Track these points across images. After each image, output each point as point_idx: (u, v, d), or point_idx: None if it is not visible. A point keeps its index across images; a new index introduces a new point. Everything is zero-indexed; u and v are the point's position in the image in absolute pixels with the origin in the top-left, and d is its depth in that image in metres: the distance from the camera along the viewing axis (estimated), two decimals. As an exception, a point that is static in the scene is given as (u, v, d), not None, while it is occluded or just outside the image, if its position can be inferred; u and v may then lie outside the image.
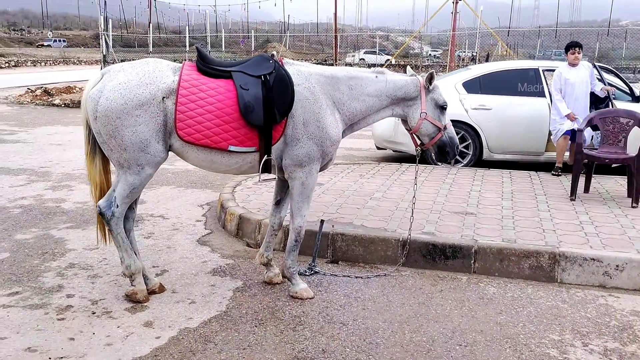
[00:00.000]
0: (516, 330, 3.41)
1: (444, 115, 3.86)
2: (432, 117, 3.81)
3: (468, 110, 7.73)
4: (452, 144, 3.87)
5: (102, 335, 3.22)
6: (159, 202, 6.16)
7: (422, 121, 3.80)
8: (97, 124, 3.38)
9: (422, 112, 3.79)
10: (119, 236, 3.57)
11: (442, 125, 3.82)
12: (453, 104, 7.73)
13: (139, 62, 3.51)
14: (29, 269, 4.16)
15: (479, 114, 7.73)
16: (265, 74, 3.55)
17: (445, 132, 3.85)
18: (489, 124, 7.71)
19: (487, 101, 7.77)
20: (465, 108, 7.75)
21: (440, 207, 5.30)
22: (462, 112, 7.74)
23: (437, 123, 3.81)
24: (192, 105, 3.39)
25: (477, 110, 7.74)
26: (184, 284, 3.96)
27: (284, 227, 4.38)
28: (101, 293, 3.78)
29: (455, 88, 7.91)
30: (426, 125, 3.82)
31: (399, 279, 4.16)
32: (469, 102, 7.78)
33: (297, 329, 3.36)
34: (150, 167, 3.46)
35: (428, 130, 3.84)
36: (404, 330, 3.38)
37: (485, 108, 7.72)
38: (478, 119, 7.72)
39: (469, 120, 7.72)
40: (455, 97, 7.80)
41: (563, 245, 4.28)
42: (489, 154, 7.80)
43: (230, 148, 3.48)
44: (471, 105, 7.76)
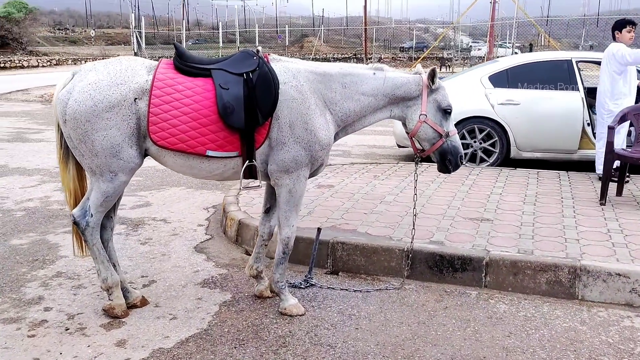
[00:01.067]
0: (524, 357, 3.04)
1: (448, 120, 3.49)
2: (432, 120, 3.44)
3: (494, 105, 7.27)
4: (455, 153, 3.49)
5: (69, 356, 3.00)
6: (165, 204, 5.97)
7: (420, 124, 3.45)
8: (67, 128, 3.16)
9: (422, 114, 3.43)
10: (95, 247, 3.34)
11: (444, 132, 3.45)
12: (478, 98, 7.35)
13: (112, 60, 3.28)
14: (14, 277, 4.00)
15: (507, 110, 7.25)
16: (247, 71, 3.26)
17: (448, 139, 3.47)
18: (517, 120, 7.23)
19: (515, 96, 7.28)
20: (491, 103, 7.28)
21: (454, 213, 4.92)
22: (488, 108, 7.28)
23: (438, 128, 3.44)
24: (166, 107, 3.13)
25: (504, 106, 7.25)
26: (169, 297, 3.73)
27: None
28: (81, 306, 3.57)
29: (480, 82, 7.47)
30: (425, 129, 3.46)
31: (401, 293, 3.82)
32: (496, 97, 7.31)
33: (279, 352, 3.07)
34: (123, 173, 3.21)
35: (428, 135, 3.48)
36: (397, 356, 3.05)
37: (513, 103, 7.23)
38: (505, 115, 7.25)
39: (495, 116, 7.26)
40: (480, 91, 7.37)
41: (586, 257, 3.86)
42: (517, 152, 7.32)
43: (209, 153, 3.21)
44: (498, 100, 7.28)
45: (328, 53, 44.37)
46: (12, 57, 35.71)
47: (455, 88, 7.59)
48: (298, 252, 4.27)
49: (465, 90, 7.50)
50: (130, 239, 4.86)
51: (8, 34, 37.26)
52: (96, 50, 50.22)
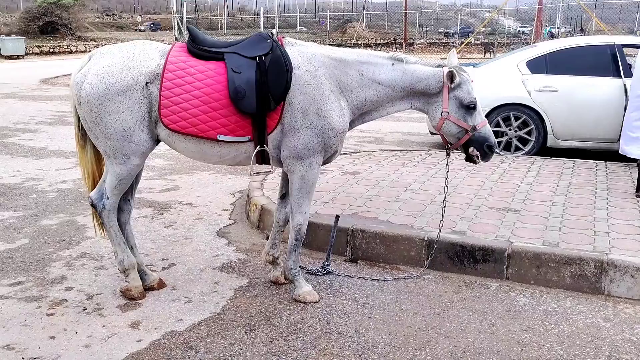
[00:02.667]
0: (540, 353, 2.94)
1: (473, 115, 3.34)
2: (455, 117, 3.33)
3: (531, 92, 7.01)
4: (484, 145, 3.36)
5: (83, 335, 3.07)
6: (192, 188, 6.03)
7: (443, 121, 3.35)
8: (82, 110, 3.21)
9: (444, 112, 3.33)
10: (112, 229, 3.40)
11: (470, 126, 3.32)
12: (515, 85, 7.12)
13: (127, 44, 3.29)
14: (41, 257, 4.12)
15: (544, 97, 6.99)
16: (260, 55, 3.23)
17: (476, 132, 3.34)
18: (555, 107, 6.96)
19: (554, 82, 7.01)
20: (527, 90, 7.03)
21: (480, 202, 4.79)
22: (524, 95, 7.04)
23: (462, 124, 3.33)
24: (178, 90, 3.13)
25: (542, 92, 6.99)
26: (187, 280, 3.76)
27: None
28: (100, 287, 3.65)
29: (517, 67, 7.21)
30: (449, 126, 3.36)
31: (419, 283, 3.75)
32: (533, 83, 7.04)
33: (289, 339, 3.06)
34: (136, 157, 3.24)
35: (452, 131, 3.38)
36: (408, 346, 3.00)
37: (552, 90, 6.97)
38: (542, 102, 6.99)
39: (532, 103, 7.01)
40: (517, 77, 7.13)
41: (614, 251, 3.70)
42: (554, 141, 7.07)
43: (220, 137, 3.20)
44: (535, 86, 7.02)
45: (370, 39, 43.85)
46: (61, 42, 36.71)
47: (490, 74, 7.41)
48: (318, 239, 4.26)
49: (500, 76, 7.29)
50: (155, 222, 4.93)
51: (58, 19, 38.26)
52: (142, 35, 51.16)
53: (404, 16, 22.30)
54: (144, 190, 5.88)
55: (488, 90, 7.07)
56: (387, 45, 36.85)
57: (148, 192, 5.86)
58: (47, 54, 33.76)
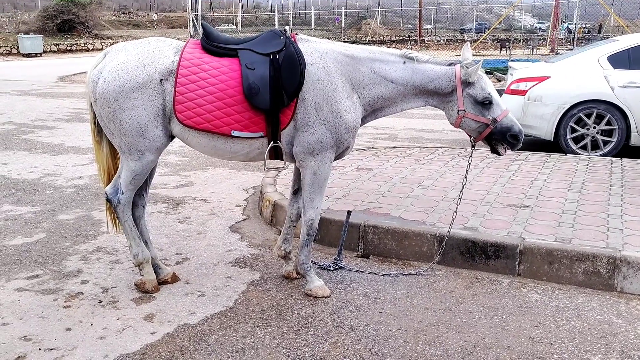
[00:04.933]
0: (551, 348, 2.94)
1: (491, 108, 3.32)
2: (472, 113, 3.32)
3: (614, 88, 6.80)
4: (509, 134, 3.34)
5: (99, 327, 3.12)
6: (207, 184, 6.09)
7: (461, 119, 3.35)
8: (98, 107, 3.26)
9: (460, 110, 3.33)
10: (127, 224, 3.45)
11: (489, 120, 3.32)
12: (596, 81, 6.88)
13: (142, 40, 3.34)
14: (57, 251, 4.19)
15: (628, 93, 6.75)
16: (274, 51, 3.26)
17: (498, 124, 3.32)
18: None
19: (639, 78, 6.81)
20: (610, 86, 6.81)
21: (493, 198, 4.78)
22: (607, 91, 6.82)
23: (481, 119, 3.32)
24: (193, 86, 3.17)
25: (626, 89, 6.76)
26: (200, 275, 3.81)
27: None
28: (115, 280, 3.71)
29: (599, 63, 7.00)
30: (467, 123, 3.37)
31: (430, 279, 3.76)
32: (616, 79, 6.82)
33: (301, 332, 3.09)
34: (150, 153, 3.29)
35: (471, 127, 3.39)
36: (418, 341, 3.01)
37: (637, 86, 6.74)
38: (626, 98, 6.76)
39: (615, 100, 6.80)
40: (599, 73, 6.93)
41: (627, 248, 3.68)
42: (639, 139, 6.86)
43: (234, 133, 3.23)
44: (618, 82, 6.80)
45: (385, 36, 43.69)
46: (78, 40, 37.09)
47: (569, 70, 7.22)
48: (330, 235, 4.28)
49: (580, 72, 7.10)
50: (169, 217, 4.99)
51: (75, 17, 38.63)
52: (158, 33, 51.44)
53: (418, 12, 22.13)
54: (159, 186, 5.95)
55: (567, 86, 7.00)
56: (401, 42, 36.70)
57: (162, 187, 5.93)
58: (64, 52, 34.13)
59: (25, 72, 20.73)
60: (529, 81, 7.34)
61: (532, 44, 30.87)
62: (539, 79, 7.28)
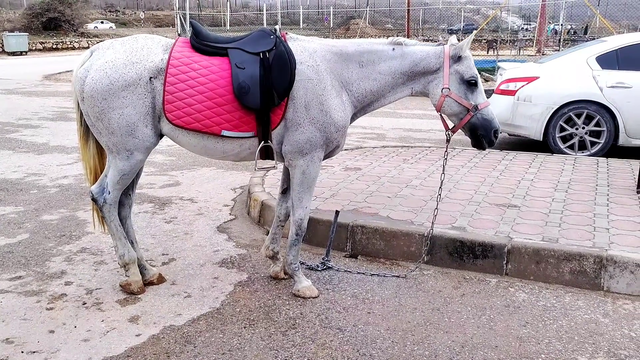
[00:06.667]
0: (538, 348, 2.94)
1: (475, 92, 3.30)
2: (456, 94, 3.29)
3: (603, 88, 6.82)
4: (488, 128, 3.32)
5: (82, 329, 3.08)
6: (194, 184, 6.04)
7: (444, 98, 3.30)
8: (85, 106, 3.21)
9: (444, 88, 3.28)
10: (113, 224, 3.40)
11: (471, 105, 3.29)
12: (585, 81, 6.91)
13: (130, 38, 3.29)
14: (41, 252, 4.13)
15: (617, 93, 6.79)
16: (264, 50, 3.22)
17: (478, 113, 3.31)
18: (629, 104, 6.74)
19: (627, 78, 6.80)
20: (599, 86, 6.84)
21: (480, 198, 4.78)
22: (596, 91, 6.85)
23: (463, 102, 3.28)
24: (182, 85, 3.13)
25: (615, 89, 6.80)
26: (187, 275, 3.77)
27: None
28: (100, 282, 3.66)
29: (587, 63, 7.03)
30: (450, 104, 3.31)
31: (418, 279, 3.75)
32: (604, 80, 6.86)
33: (288, 333, 3.07)
34: (139, 152, 3.25)
35: (453, 110, 3.33)
36: (406, 341, 3.00)
37: (625, 86, 6.77)
38: (614, 99, 6.80)
39: (603, 100, 6.82)
40: (587, 73, 6.96)
41: (614, 247, 3.69)
42: (627, 139, 6.88)
43: (224, 133, 3.20)
44: (607, 82, 6.83)
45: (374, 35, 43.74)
46: (64, 38, 36.71)
47: (558, 70, 7.25)
48: (318, 235, 4.26)
49: (569, 72, 7.13)
50: (155, 217, 4.94)
51: (61, 16, 38.23)
52: (145, 32, 51.00)
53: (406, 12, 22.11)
54: (145, 185, 5.89)
55: (556, 87, 7.04)
56: (390, 42, 36.62)
57: (149, 187, 5.87)
58: (50, 50, 33.78)
59: (10, 71, 20.49)
60: (518, 81, 7.37)
61: (519, 44, 31.06)
62: (528, 79, 7.31)
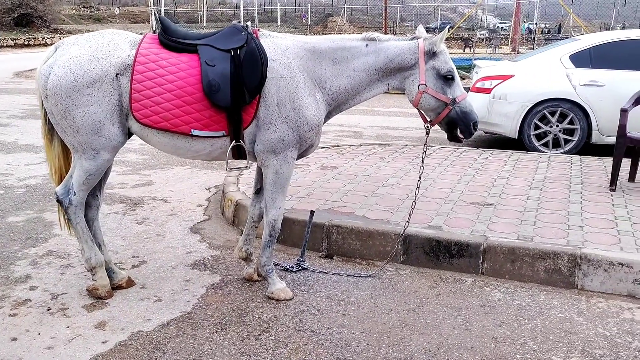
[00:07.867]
0: (513, 348, 2.91)
1: (452, 86, 3.23)
2: (433, 89, 3.21)
3: (576, 87, 6.86)
4: (465, 120, 3.25)
5: (47, 336, 2.96)
6: (167, 183, 5.92)
7: (421, 95, 3.23)
8: (48, 103, 3.09)
9: (421, 84, 3.21)
10: (79, 226, 3.29)
11: (449, 99, 3.22)
12: (559, 80, 6.95)
13: (96, 33, 3.17)
14: (5, 255, 3.99)
15: (590, 91, 6.83)
16: (235, 47, 3.14)
17: (456, 106, 3.23)
18: (602, 102, 6.78)
19: (600, 76, 6.84)
20: (573, 85, 6.88)
21: (457, 197, 4.76)
22: (570, 90, 6.88)
23: (441, 97, 3.21)
24: (149, 83, 3.03)
25: (588, 87, 6.84)
26: (157, 278, 3.67)
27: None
28: (66, 286, 3.54)
29: (561, 62, 7.07)
30: (427, 100, 3.24)
31: (394, 279, 3.71)
32: (578, 78, 6.89)
33: (261, 337, 2.99)
34: (106, 151, 3.14)
35: (431, 105, 3.26)
36: (381, 344, 2.95)
37: (598, 84, 6.81)
38: (588, 97, 6.84)
39: (577, 98, 6.86)
40: (561, 72, 6.99)
41: (588, 245, 3.69)
42: (599, 137, 6.92)
43: (194, 132, 3.10)
44: (580, 81, 6.87)
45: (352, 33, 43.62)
46: (36, 35, 35.97)
47: (532, 68, 7.27)
48: (293, 235, 4.19)
49: (543, 70, 7.15)
50: (126, 218, 4.82)
51: (33, 12, 37.48)
52: (120, 28, 50.14)
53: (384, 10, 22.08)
54: (117, 185, 5.76)
55: (531, 85, 7.06)
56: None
57: (120, 187, 5.74)
58: (21, 47, 33.03)
59: (-21, 68, 19.98)
60: (493, 79, 7.39)
61: (494, 43, 31.31)
62: (504, 77, 7.34)
